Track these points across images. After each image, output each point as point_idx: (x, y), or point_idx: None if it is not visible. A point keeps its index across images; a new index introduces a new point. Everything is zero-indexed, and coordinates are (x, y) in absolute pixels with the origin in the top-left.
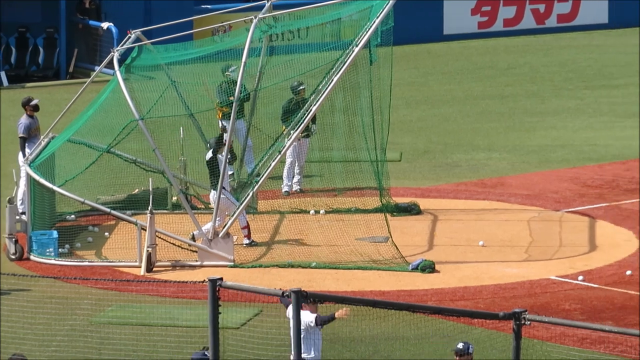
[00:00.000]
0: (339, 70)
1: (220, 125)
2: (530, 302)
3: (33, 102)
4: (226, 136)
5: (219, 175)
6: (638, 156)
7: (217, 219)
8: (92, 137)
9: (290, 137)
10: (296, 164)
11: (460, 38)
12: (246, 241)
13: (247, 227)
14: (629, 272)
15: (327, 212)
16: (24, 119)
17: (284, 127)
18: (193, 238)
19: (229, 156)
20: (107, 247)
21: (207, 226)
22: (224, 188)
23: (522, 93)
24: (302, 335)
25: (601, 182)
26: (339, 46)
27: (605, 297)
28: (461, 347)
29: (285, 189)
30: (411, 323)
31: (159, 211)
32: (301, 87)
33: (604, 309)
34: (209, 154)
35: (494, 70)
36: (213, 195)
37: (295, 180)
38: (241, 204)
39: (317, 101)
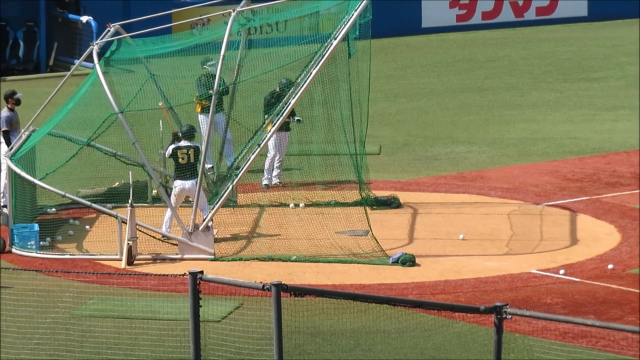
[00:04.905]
0: (318, 64)
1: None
2: (512, 295)
3: (17, 96)
4: (203, 130)
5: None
6: (618, 149)
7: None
8: (72, 130)
9: (270, 131)
10: (276, 158)
11: (439, 31)
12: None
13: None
14: (610, 266)
15: (306, 206)
16: (4, 112)
17: (266, 118)
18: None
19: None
20: (88, 240)
21: (167, 216)
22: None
23: (501, 86)
24: None
25: (582, 176)
26: (317, 39)
27: (587, 291)
28: None
29: (265, 182)
30: (392, 317)
31: (139, 204)
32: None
33: (586, 303)
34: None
35: (473, 63)
36: (190, 185)
37: (274, 173)
38: (221, 197)
39: (296, 94)
